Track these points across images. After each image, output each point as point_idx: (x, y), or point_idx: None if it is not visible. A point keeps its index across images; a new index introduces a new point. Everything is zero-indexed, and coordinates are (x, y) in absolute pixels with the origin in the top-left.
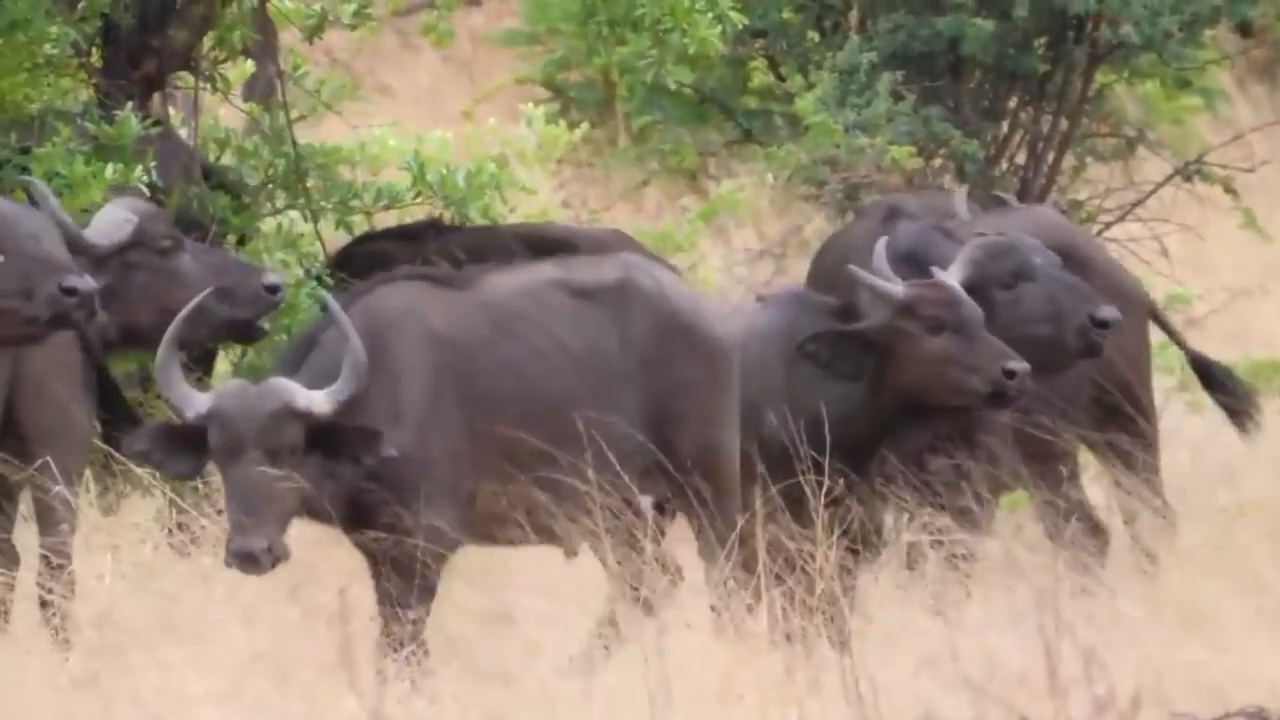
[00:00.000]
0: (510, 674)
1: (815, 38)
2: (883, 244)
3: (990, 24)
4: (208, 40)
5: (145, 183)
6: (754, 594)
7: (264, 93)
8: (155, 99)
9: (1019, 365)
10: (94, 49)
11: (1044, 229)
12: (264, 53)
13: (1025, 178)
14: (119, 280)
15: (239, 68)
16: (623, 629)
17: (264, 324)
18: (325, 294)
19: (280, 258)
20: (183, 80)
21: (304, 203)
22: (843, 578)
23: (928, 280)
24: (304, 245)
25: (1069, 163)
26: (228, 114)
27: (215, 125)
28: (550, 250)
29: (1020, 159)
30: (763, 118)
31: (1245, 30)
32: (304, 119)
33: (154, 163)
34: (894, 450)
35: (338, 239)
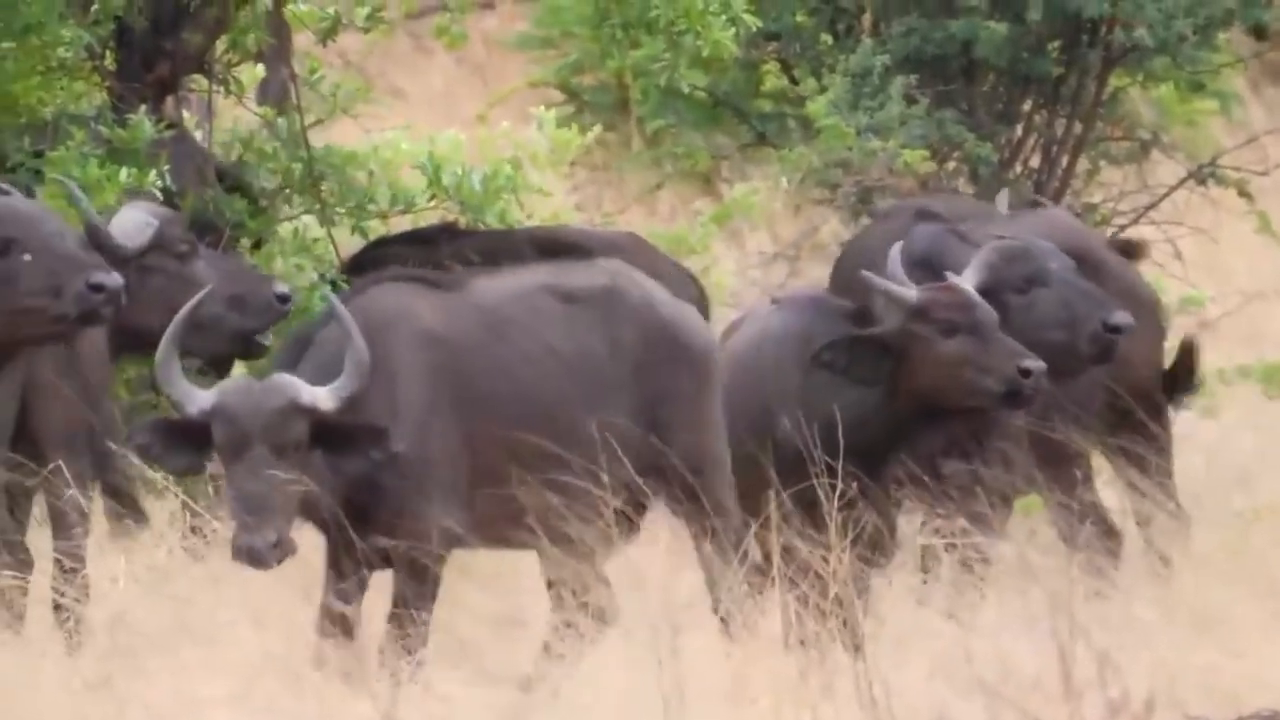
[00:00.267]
0: (522, 677)
1: (829, 41)
2: (898, 248)
3: (1004, 27)
4: (221, 43)
5: (159, 187)
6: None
7: (278, 96)
8: (169, 102)
9: (1034, 364)
10: (107, 52)
11: (1058, 232)
12: (278, 56)
13: (1039, 181)
14: (136, 283)
15: (251, 71)
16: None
17: (266, 340)
18: (328, 292)
19: (294, 262)
20: (196, 83)
21: (319, 207)
22: (856, 581)
23: (941, 284)
24: (318, 249)
25: (1083, 166)
26: (241, 118)
27: (235, 127)
28: (563, 254)
29: (1034, 162)
30: (776, 121)
31: (1259, 33)
32: (320, 122)
33: (168, 166)
34: (909, 454)
35: (351, 243)
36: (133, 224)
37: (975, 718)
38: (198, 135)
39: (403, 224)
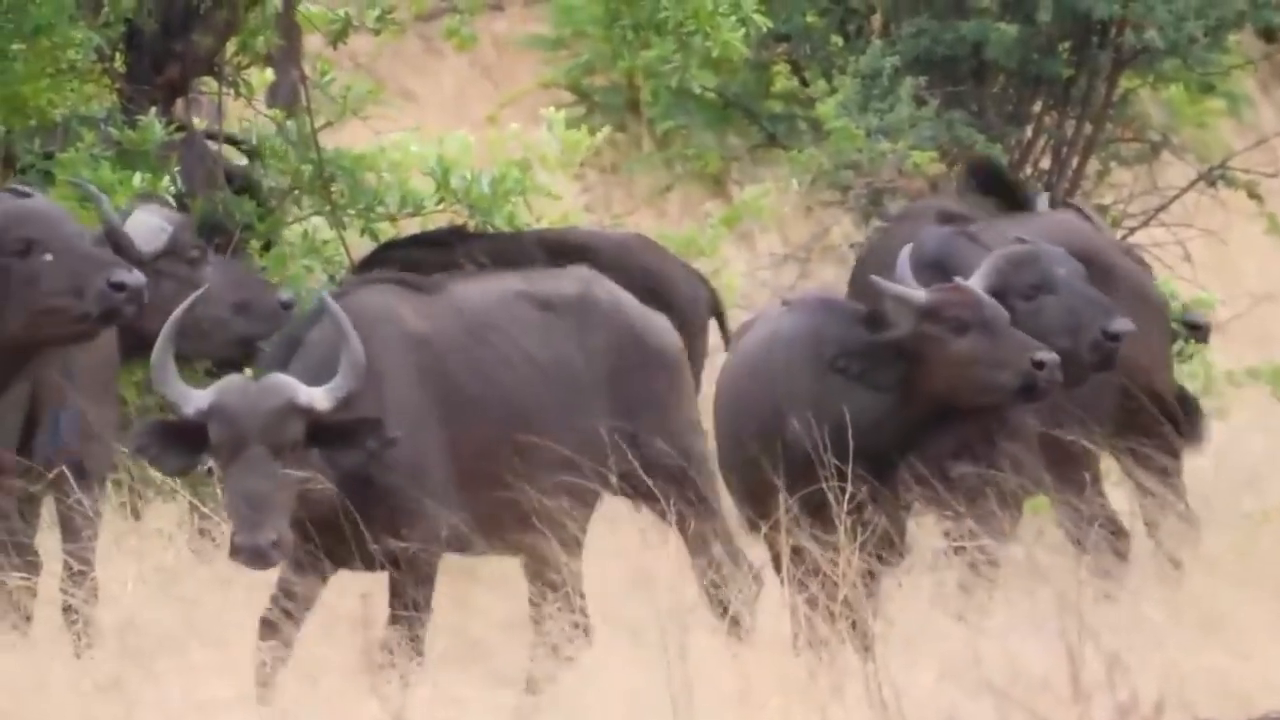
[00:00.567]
0: (532, 679)
1: (839, 42)
2: (907, 251)
3: (1014, 29)
4: (231, 45)
5: (172, 192)
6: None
7: (287, 98)
8: (179, 104)
9: (1047, 355)
10: (117, 54)
11: (1067, 234)
12: (288, 58)
13: (1049, 183)
14: (148, 286)
15: (261, 75)
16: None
17: (263, 344)
18: (322, 293)
19: (304, 264)
20: (206, 85)
21: (329, 209)
22: (866, 583)
23: (949, 284)
24: (328, 251)
25: (1093, 167)
26: (251, 120)
27: (247, 128)
28: (572, 256)
29: (1044, 164)
30: (786, 122)
31: (1269, 35)
32: (330, 124)
33: (178, 169)
34: (919, 456)
35: (361, 245)
36: (147, 228)
37: (984, 719)
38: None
39: (412, 226)
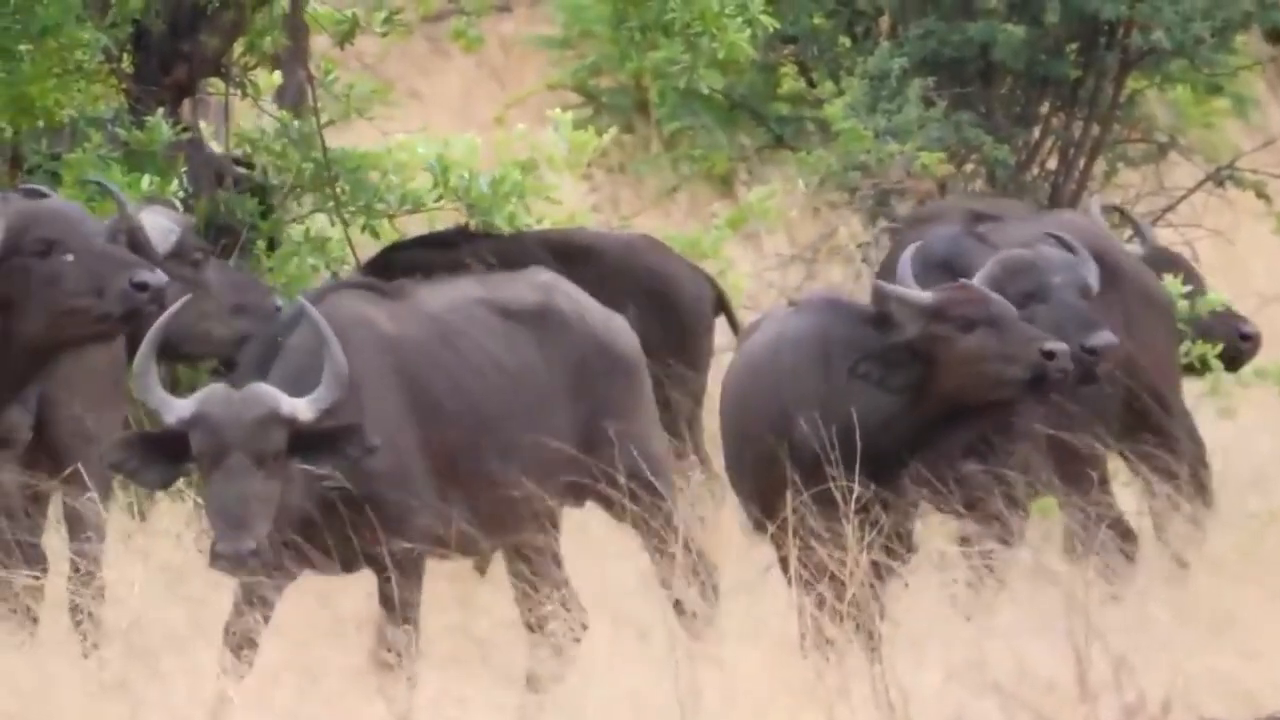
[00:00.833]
0: (539, 679)
1: (846, 43)
2: (909, 253)
3: (1021, 30)
4: (239, 46)
5: (180, 197)
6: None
7: (294, 99)
8: (186, 105)
9: (1056, 345)
10: (125, 55)
11: (1074, 234)
12: (295, 58)
13: (1056, 183)
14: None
15: (268, 78)
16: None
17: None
18: (303, 301)
19: (310, 263)
20: (213, 86)
21: (332, 205)
22: (873, 584)
23: (953, 284)
24: (333, 250)
25: (1100, 168)
26: (257, 119)
27: (245, 127)
28: (577, 257)
29: (1051, 164)
30: (794, 123)
31: (1277, 36)
32: (333, 123)
33: (185, 170)
34: (928, 457)
35: (364, 243)
36: (156, 230)
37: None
38: (213, 142)
39: (413, 223)
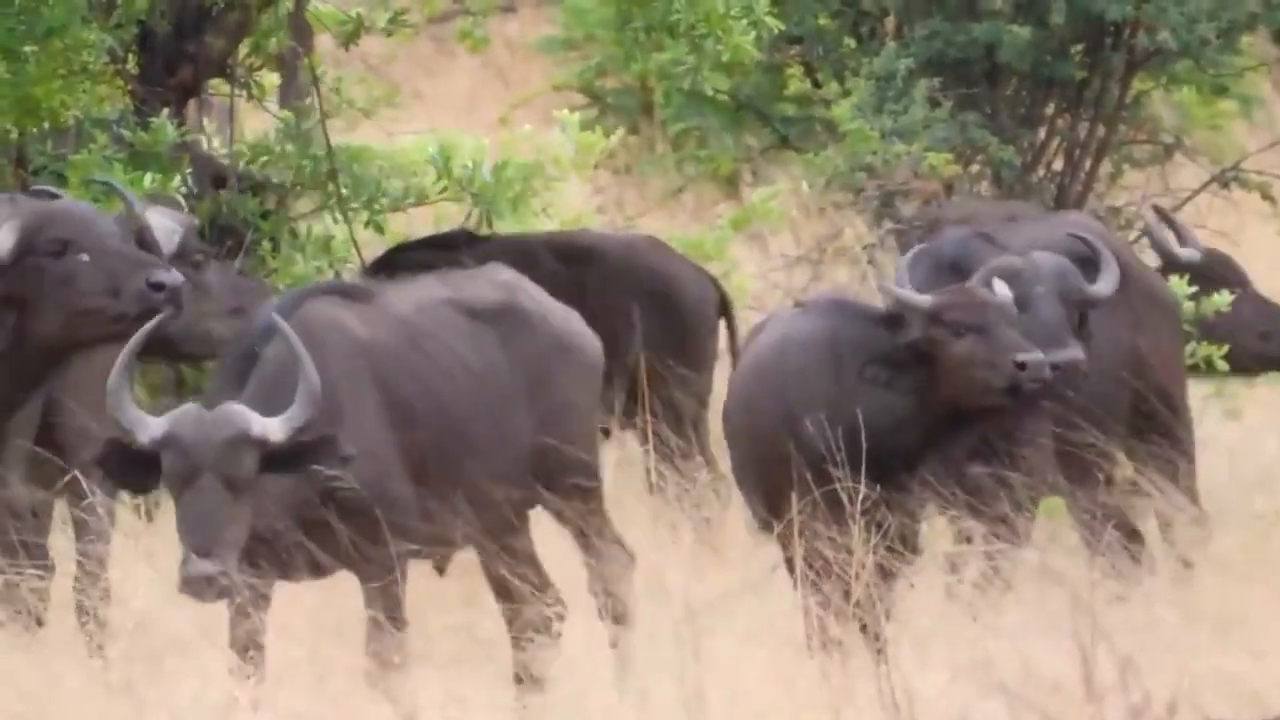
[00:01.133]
0: (544, 681)
1: (851, 44)
2: (911, 254)
3: (1027, 31)
4: (243, 47)
5: (183, 192)
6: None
7: (298, 99)
8: (190, 106)
9: (1029, 356)
10: (130, 56)
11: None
12: (298, 59)
13: (1062, 184)
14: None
15: (271, 79)
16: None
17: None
18: (277, 318)
19: (315, 264)
20: (214, 88)
21: (334, 202)
22: (879, 585)
23: (954, 286)
24: (338, 250)
25: (1105, 169)
26: (262, 120)
27: (244, 129)
28: (580, 258)
29: (1057, 165)
30: (799, 124)
31: None
32: (330, 118)
33: (190, 170)
34: (936, 458)
35: (372, 247)
36: (161, 230)
37: None
38: (217, 141)
39: (418, 217)
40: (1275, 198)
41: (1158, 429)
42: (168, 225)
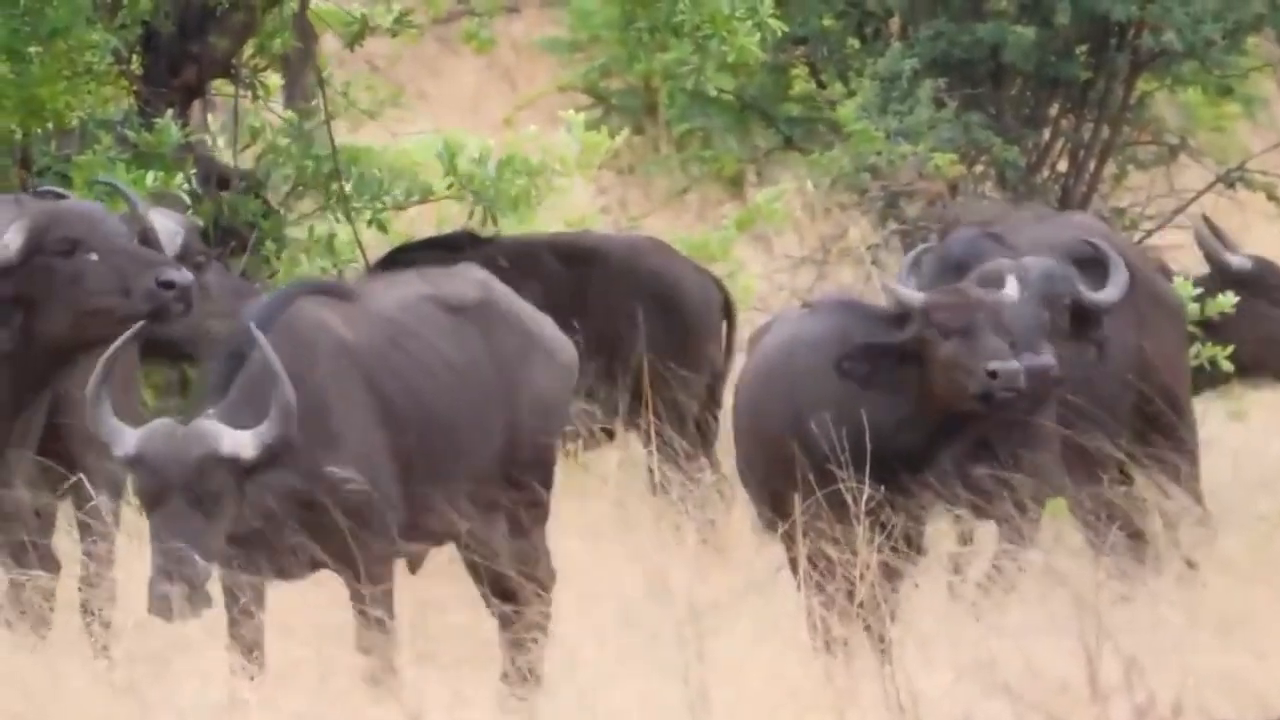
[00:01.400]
0: (551, 682)
1: (856, 45)
2: (914, 254)
3: (1032, 31)
4: (248, 47)
5: (186, 190)
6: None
7: (303, 99)
8: (195, 107)
9: (1001, 365)
10: (134, 56)
11: (1085, 236)
12: (303, 59)
13: (1066, 185)
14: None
15: (277, 78)
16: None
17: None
18: (253, 327)
19: (320, 265)
20: (218, 88)
21: (338, 202)
22: (883, 586)
23: (949, 287)
24: (342, 251)
25: (1110, 170)
26: (267, 121)
27: (251, 127)
28: (583, 259)
29: (1062, 166)
30: (804, 125)
31: None
32: (334, 118)
33: (194, 170)
34: (942, 459)
35: (377, 247)
36: (163, 231)
37: None
38: (221, 140)
39: (421, 216)
40: None
41: (1162, 430)
42: (170, 226)
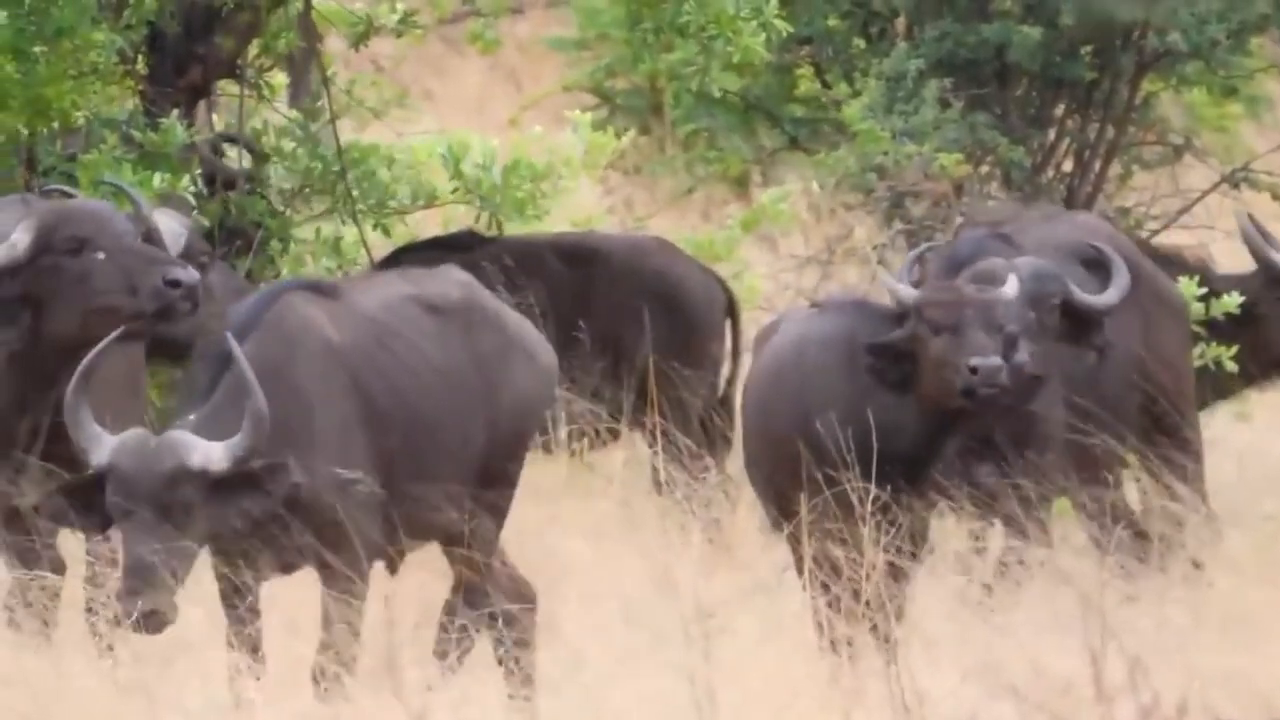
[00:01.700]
0: (555, 682)
1: (861, 45)
2: (915, 252)
3: (1037, 31)
4: (253, 47)
5: (192, 192)
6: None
7: (306, 99)
8: (200, 106)
9: (983, 361)
10: (140, 56)
11: (1090, 235)
12: (308, 59)
13: (1072, 185)
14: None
15: (280, 78)
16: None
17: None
18: (229, 338)
19: (325, 265)
20: (224, 88)
21: (344, 204)
22: (889, 586)
23: (943, 284)
24: (348, 252)
25: (1115, 170)
26: (272, 121)
27: (258, 128)
28: (586, 259)
29: (1067, 166)
30: (809, 125)
31: None
32: (339, 118)
33: (199, 170)
34: (946, 458)
35: (382, 249)
36: (167, 232)
37: None
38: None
39: (427, 219)
40: None
41: (1165, 430)
42: (173, 227)
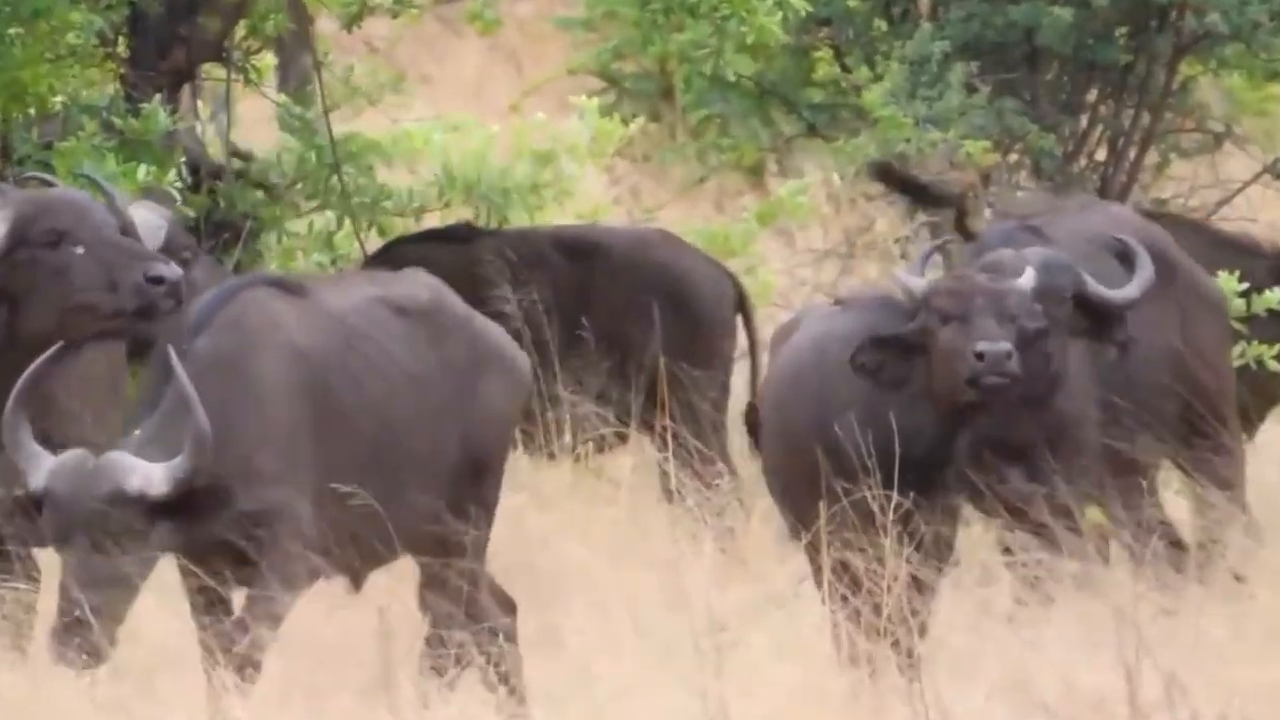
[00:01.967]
0: (560, 698)
1: (883, 26)
2: (931, 246)
3: (1069, 12)
4: (240, 29)
5: (178, 187)
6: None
7: (297, 84)
8: (184, 91)
9: (989, 346)
10: (120, 38)
11: (1120, 228)
12: (298, 42)
13: (1105, 175)
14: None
15: (267, 60)
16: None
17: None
18: (170, 353)
19: (316, 259)
20: (208, 72)
21: (337, 199)
22: (913, 597)
23: (954, 273)
24: (341, 246)
25: (1152, 159)
26: (259, 105)
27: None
28: (587, 253)
29: (1100, 155)
30: (828, 111)
31: None
32: (337, 108)
33: (184, 160)
34: (970, 462)
35: (376, 242)
36: (145, 226)
37: None
38: (211, 129)
39: (425, 219)
40: None
41: (1204, 433)
42: (152, 220)
